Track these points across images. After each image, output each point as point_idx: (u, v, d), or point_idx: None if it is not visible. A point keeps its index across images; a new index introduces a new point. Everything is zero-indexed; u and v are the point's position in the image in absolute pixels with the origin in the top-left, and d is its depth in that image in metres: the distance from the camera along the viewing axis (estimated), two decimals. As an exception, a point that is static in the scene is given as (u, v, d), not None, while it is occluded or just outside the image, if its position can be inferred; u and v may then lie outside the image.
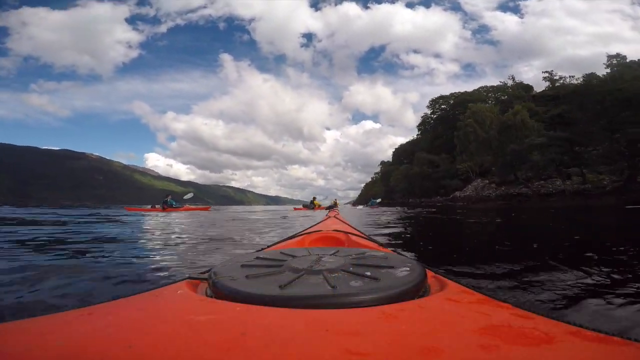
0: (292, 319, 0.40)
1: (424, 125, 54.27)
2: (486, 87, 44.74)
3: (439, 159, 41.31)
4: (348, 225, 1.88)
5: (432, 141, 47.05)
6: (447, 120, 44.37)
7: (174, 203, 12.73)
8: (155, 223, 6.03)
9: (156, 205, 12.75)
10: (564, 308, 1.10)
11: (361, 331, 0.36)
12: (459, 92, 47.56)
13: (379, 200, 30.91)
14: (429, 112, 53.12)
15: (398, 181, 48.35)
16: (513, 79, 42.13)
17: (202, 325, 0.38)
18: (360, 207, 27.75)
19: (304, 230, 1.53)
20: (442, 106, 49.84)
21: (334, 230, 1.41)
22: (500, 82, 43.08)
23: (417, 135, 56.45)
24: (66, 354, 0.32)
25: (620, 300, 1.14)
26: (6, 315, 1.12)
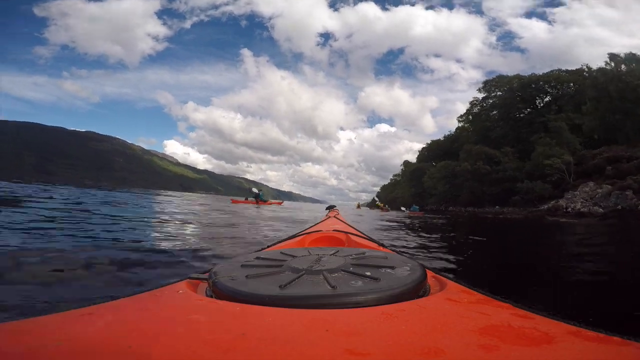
0: (292, 319, 0.40)
1: (471, 113, 42.03)
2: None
3: (500, 154, 30.01)
4: (348, 225, 1.85)
5: (485, 132, 36.14)
6: (509, 107, 34.93)
7: (264, 197, 14.57)
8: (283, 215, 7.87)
9: (249, 198, 14.13)
10: None
11: (361, 331, 0.36)
12: (527, 75, 36.47)
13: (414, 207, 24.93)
14: (479, 95, 40.31)
15: (435, 182, 37.27)
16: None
17: (202, 325, 0.38)
18: (404, 210, 25.58)
19: (304, 230, 1.53)
20: (501, 91, 37.85)
21: (334, 230, 1.40)
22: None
23: (460, 126, 44.54)
24: (66, 354, 0.32)
25: None
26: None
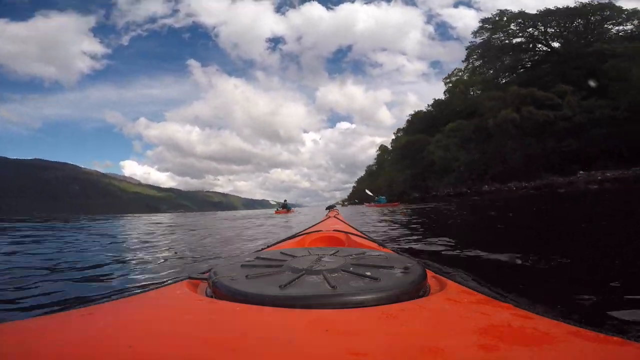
0: (292, 319, 0.40)
1: (471, 57, 34.83)
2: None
3: (556, 95, 20.68)
4: (348, 225, 1.88)
5: (496, 82, 29.54)
6: (532, 44, 28.33)
7: (287, 205, 16.19)
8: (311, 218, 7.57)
9: (278, 209, 15.53)
10: None
11: (361, 331, 0.36)
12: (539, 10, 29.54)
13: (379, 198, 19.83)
14: (476, 38, 33.80)
15: (452, 151, 26.99)
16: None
17: (202, 325, 0.38)
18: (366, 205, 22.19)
19: (304, 230, 1.54)
20: (509, 28, 30.78)
21: (334, 230, 1.41)
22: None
23: (448, 89, 36.96)
24: (66, 354, 0.32)
25: None
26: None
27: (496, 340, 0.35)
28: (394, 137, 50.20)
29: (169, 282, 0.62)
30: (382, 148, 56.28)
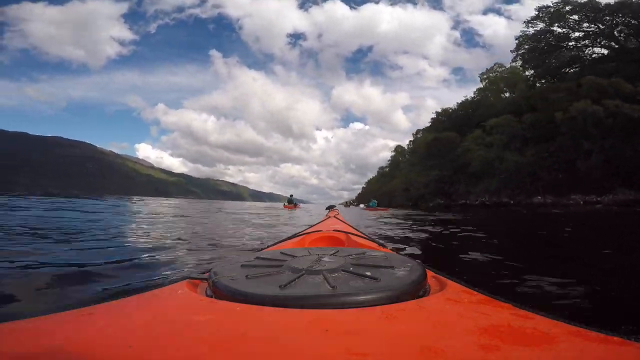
0: (292, 319, 0.40)
1: (521, 48, 29.65)
2: None
3: None
4: (348, 225, 1.85)
5: (557, 74, 25.28)
6: (584, 43, 24.22)
7: (294, 201, 16.62)
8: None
9: (286, 203, 15.87)
10: None
11: (361, 331, 0.36)
12: None
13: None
14: (529, 29, 28.63)
15: (494, 151, 22.52)
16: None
17: (202, 325, 0.38)
18: (362, 206, 23.34)
19: (304, 230, 1.53)
20: (570, 19, 26.72)
21: (334, 230, 1.40)
22: None
23: (483, 87, 32.77)
24: (66, 354, 0.32)
25: None
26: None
27: (496, 340, 0.35)
28: (412, 138, 47.46)
29: (169, 282, 0.62)
30: (398, 149, 53.36)
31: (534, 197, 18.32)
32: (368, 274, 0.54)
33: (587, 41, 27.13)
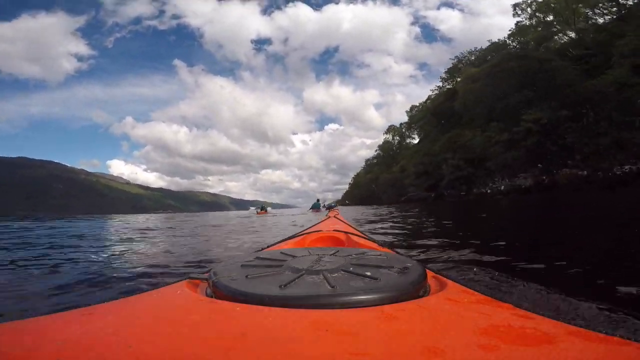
0: (292, 319, 0.40)
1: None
2: None
3: None
4: (348, 225, 1.89)
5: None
6: None
7: (265, 207, 19.74)
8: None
9: (259, 210, 18.56)
10: None
11: (361, 331, 0.36)
12: None
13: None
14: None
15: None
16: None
17: (202, 325, 0.38)
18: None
19: (304, 230, 1.54)
20: None
21: (334, 230, 1.41)
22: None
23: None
24: (66, 354, 0.32)
25: None
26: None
27: (496, 340, 0.35)
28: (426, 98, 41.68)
29: (169, 282, 0.62)
30: (392, 129, 47.97)
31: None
32: (368, 274, 0.54)
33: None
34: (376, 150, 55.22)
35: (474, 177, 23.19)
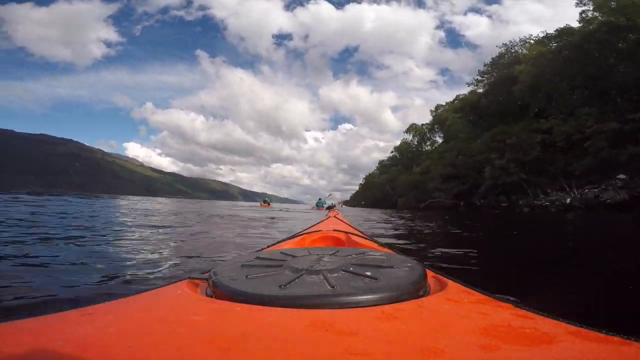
0: (292, 319, 0.40)
1: None
2: None
3: None
4: (348, 225, 1.86)
5: None
6: None
7: (268, 200, 22.50)
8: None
9: (262, 203, 21.37)
10: None
11: (361, 331, 0.36)
12: None
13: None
14: None
15: None
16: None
17: (202, 325, 0.38)
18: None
19: (304, 230, 1.52)
20: None
21: (334, 230, 1.40)
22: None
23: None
24: (66, 354, 0.32)
25: None
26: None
27: (496, 340, 0.35)
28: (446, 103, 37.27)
29: (169, 282, 0.62)
30: (414, 127, 43.18)
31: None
32: (368, 273, 0.54)
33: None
34: (392, 152, 50.58)
35: (526, 183, 17.95)
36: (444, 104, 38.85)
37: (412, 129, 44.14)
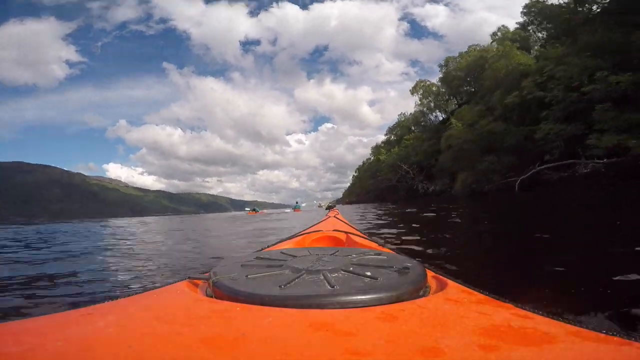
0: (292, 318, 0.40)
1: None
2: None
3: None
4: (348, 225, 1.88)
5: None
6: None
7: (256, 208, 25.94)
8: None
9: (250, 210, 23.90)
10: None
11: (361, 331, 0.36)
12: None
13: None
14: None
15: None
16: None
17: (202, 325, 0.38)
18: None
19: (304, 230, 1.54)
20: None
21: (334, 230, 1.41)
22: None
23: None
24: (66, 354, 0.32)
25: None
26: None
27: (496, 340, 0.35)
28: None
29: (169, 282, 0.63)
30: (424, 86, 32.84)
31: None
32: (368, 273, 0.54)
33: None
34: (386, 135, 42.59)
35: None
36: (457, 55, 30.38)
37: (420, 86, 33.55)
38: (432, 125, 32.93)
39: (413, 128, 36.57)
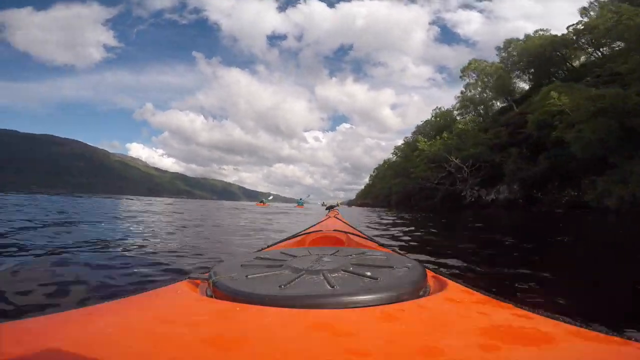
0: (292, 318, 0.40)
1: None
2: None
3: None
4: (348, 225, 1.85)
5: None
6: None
7: (264, 200, 24.11)
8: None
9: (259, 202, 23.09)
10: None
11: (361, 331, 0.36)
12: None
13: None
14: None
15: None
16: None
17: (202, 325, 0.38)
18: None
19: (304, 230, 1.53)
20: None
21: (334, 230, 1.40)
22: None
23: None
24: (66, 354, 0.32)
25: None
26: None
27: (496, 340, 0.35)
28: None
29: (169, 282, 0.63)
30: (478, 66, 26.89)
31: None
32: (368, 273, 0.54)
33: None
34: (413, 133, 36.17)
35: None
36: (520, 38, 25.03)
37: (471, 68, 27.10)
38: (492, 114, 26.63)
39: (456, 114, 28.70)
